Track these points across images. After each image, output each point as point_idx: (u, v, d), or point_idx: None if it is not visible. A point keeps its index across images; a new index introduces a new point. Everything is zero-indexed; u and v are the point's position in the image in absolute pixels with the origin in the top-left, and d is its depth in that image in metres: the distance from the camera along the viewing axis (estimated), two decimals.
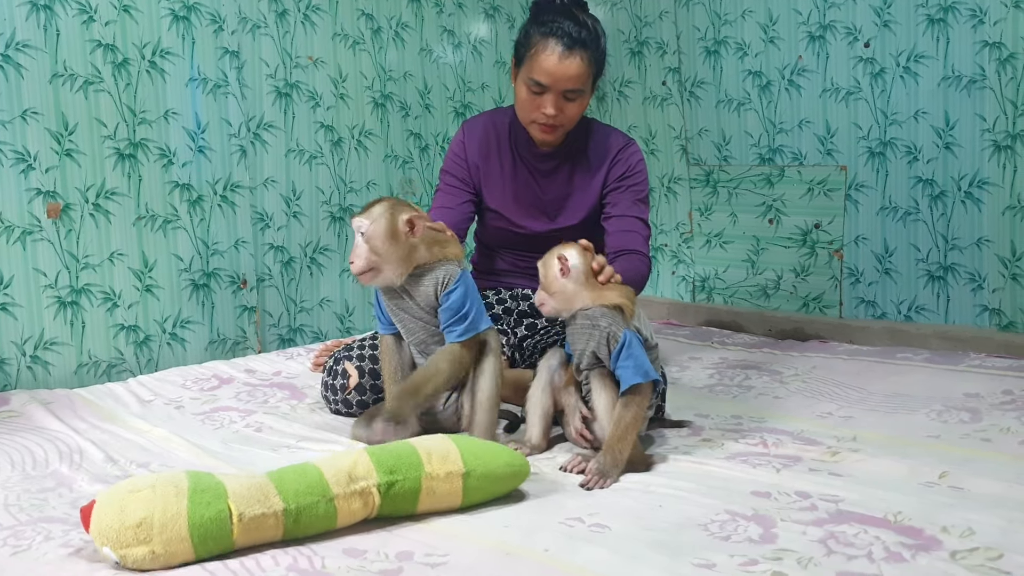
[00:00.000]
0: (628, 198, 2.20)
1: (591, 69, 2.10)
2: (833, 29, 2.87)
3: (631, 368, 1.68)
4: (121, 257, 2.56)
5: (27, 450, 1.89)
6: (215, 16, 2.71)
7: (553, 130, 2.15)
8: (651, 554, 1.34)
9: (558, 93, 2.09)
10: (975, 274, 2.68)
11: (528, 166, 2.27)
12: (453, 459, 1.49)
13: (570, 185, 2.25)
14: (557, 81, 2.07)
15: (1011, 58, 2.53)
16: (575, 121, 2.17)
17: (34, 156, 2.39)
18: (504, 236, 2.32)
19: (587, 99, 2.15)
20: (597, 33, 2.12)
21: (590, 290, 1.73)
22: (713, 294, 3.31)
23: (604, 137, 2.25)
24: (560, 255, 1.74)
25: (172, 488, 1.32)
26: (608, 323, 1.71)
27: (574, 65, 2.06)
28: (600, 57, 2.13)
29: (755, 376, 2.42)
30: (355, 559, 1.35)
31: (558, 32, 2.07)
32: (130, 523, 1.28)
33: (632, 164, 2.22)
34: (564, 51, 2.05)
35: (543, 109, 2.10)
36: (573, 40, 2.06)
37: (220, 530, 1.31)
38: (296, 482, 1.39)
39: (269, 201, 2.87)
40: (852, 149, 2.89)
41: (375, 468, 1.44)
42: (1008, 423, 1.92)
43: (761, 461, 1.72)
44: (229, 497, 1.33)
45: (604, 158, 2.23)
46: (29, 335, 2.41)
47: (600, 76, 2.17)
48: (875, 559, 1.29)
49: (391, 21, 3.15)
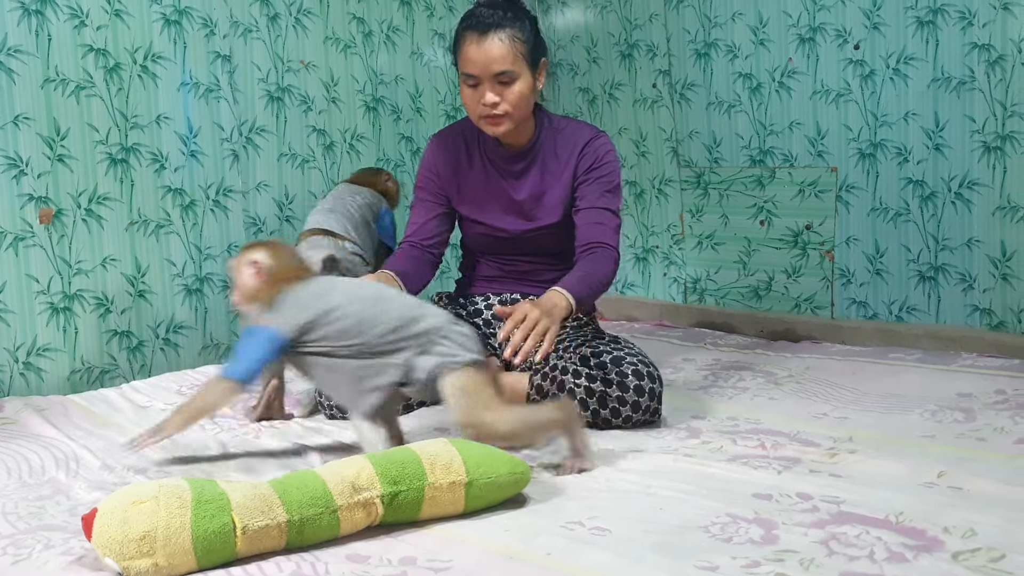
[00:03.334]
0: (596, 189, 2.17)
1: (516, 48, 2.06)
2: (823, 31, 2.89)
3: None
4: (114, 262, 2.55)
5: (23, 457, 1.88)
6: (207, 20, 2.70)
7: (499, 120, 2.10)
8: (653, 556, 1.34)
9: (491, 80, 2.05)
10: (966, 274, 2.69)
11: (498, 169, 2.24)
12: (456, 468, 1.49)
13: (542, 183, 2.23)
14: (483, 67, 2.05)
15: (1000, 60, 2.55)
16: (522, 107, 2.11)
17: (26, 162, 2.38)
18: (486, 242, 2.31)
19: (528, 81, 2.09)
20: (517, 13, 2.10)
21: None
22: (705, 295, 3.32)
23: (572, 132, 2.22)
24: (252, 259, 1.77)
25: (176, 500, 1.32)
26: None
27: (494, 47, 2.04)
28: (528, 34, 2.09)
29: (749, 377, 2.43)
30: (359, 565, 1.35)
31: (472, 22, 2.07)
32: (133, 536, 1.28)
33: (600, 155, 2.18)
34: (479, 36, 2.04)
35: (482, 100, 2.07)
36: (487, 24, 2.05)
37: (223, 542, 1.31)
38: (299, 492, 1.39)
39: (262, 205, 2.87)
40: (842, 150, 2.90)
41: (379, 479, 1.44)
42: (1002, 423, 1.93)
43: (761, 463, 1.73)
44: (233, 509, 1.33)
45: (572, 152, 2.20)
46: (22, 342, 2.40)
47: (539, 54, 2.13)
48: (877, 560, 1.30)
49: (382, 25, 3.15)
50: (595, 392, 2.00)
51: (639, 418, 1.99)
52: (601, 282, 2.06)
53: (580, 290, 1.97)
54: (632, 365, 2.01)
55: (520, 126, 2.16)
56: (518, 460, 1.58)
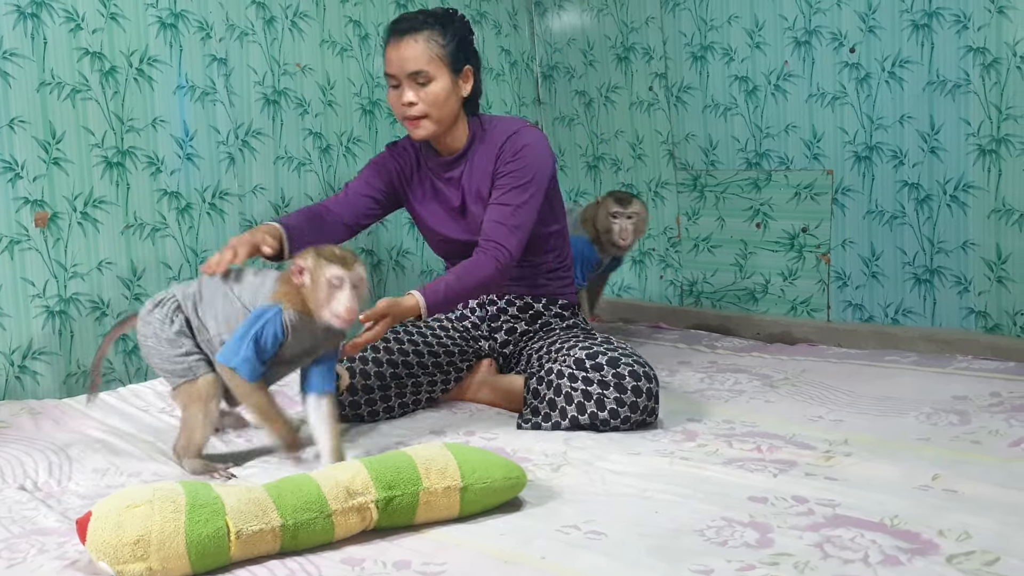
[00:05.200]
0: (507, 184, 2.16)
1: (433, 50, 2.11)
2: (819, 34, 2.89)
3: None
4: (109, 266, 2.54)
5: (17, 461, 1.88)
6: (203, 23, 2.70)
7: (419, 120, 2.15)
8: (649, 560, 1.34)
9: (408, 80, 2.11)
10: (961, 277, 2.70)
11: (437, 176, 2.28)
12: (451, 473, 1.49)
13: (472, 186, 2.23)
14: (399, 68, 2.11)
15: (995, 63, 2.56)
16: (440, 108, 2.14)
17: (21, 165, 2.38)
18: (445, 248, 2.34)
19: (444, 84, 2.13)
20: (440, 16, 2.16)
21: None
22: (701, 298, 3.33)
23: (497, 129, 2.23)
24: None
25: (170, 504, 1.32)
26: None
27: (409, 47, 2.10)
28: (448, 39, 2.13)
29: (745, 380, 2.43)
30: (353, 569, 1.35)
31: (393, 26, 2.16)
32: (127, 540, 1.28)
33: (516, 148, 2.17)
34: (397, 37, 2.12)
35: (401, 100, 2.13)
36: (405, 27, 2.13)
37: (217, 547, 1.32)
38: (294, 497, 1.39)
39: (258, 209, 2.86)
40: (838, 153, 2.91)
41: (373, 484, 1.44)
42: (997, 425, 1.94)
43: (757, 466, 1.73)
44: (227, 513, 1.33)
45: (494, 148, 2.20)
46: (17, 345, 2.39)
47: (463, 60, 2.17)
48: (871, 563, 1.30)
49: (378, 28, 3.15)
50: (592, 395, 2.00)
51: (637, 418, 2.00)
52: (469, 289, 2.07)
53: (437, 299, 1.99)
54: (628, 366, 2.01)
55: (448, 131, 2.20)
56: (513, 465, 1.58)
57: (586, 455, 1.85)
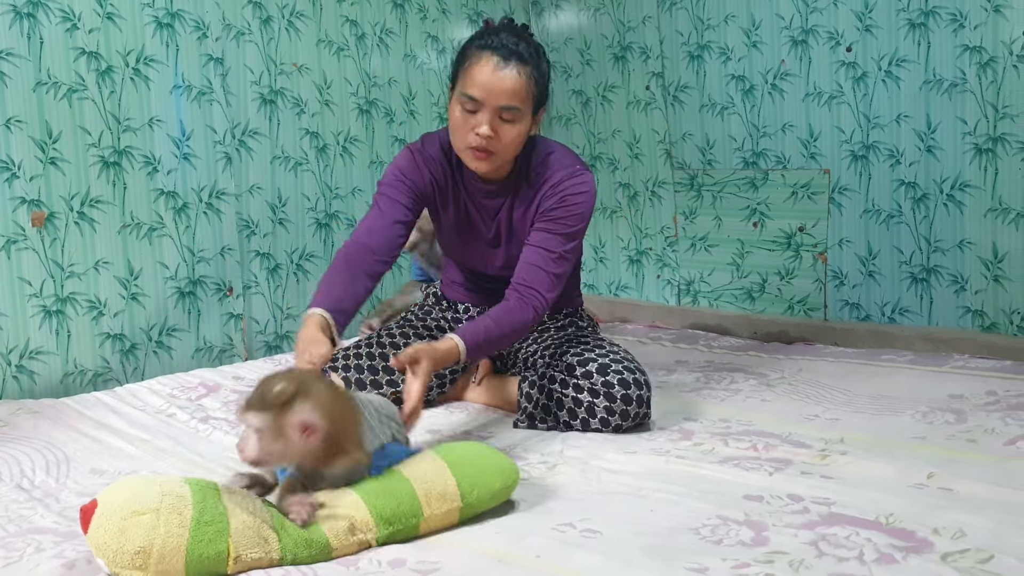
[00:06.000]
0: (552, 228, 2.01)
1: (530, 87, 1.92)
2: (815, 34, 2.89)
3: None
4: (106, 265, 2.55)
5: (14, 460, 1.88)
6: (199, 23, 2.70)
7: (488, 156, 1.95)
8: (644, 558, 1.34)
9: (493, 110, 1.90)
10: (958, 276, 2.70)
11: (471, 199, 2.12)
12: (451, 495, 1.48)
13: (512, 219, 2.10)
14: (491, 94, 1.89)
15: (991, 62, 2.56)
16: (511, 151, 1.98)
17: (18, 165, 2.38)
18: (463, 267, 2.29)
19: (526, 126, 1.96)
20: (538, 53, 1.97)
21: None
22: (698, 297, 3.33)
23: (548, 166, 2.05)
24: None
25: (176, 517, 1.31)
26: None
27: (510, 78, 1.89)
28: (542, 79, 1.96)
29: (741, 379, 2.43)
30: (347, 568, 1.35)
31: (494, 44, 1.91)
32: (129, 548, 1.28)
33: (571, 194, 2.02)
34: (500, 61, 1.89)
35: (477, 129, 1.91)
36: (510, 51, 1.90)
37: (216, 565, 1.32)
38: (296, 532, 1.38)
39: (255, 208, 2.86)
40: (835, 152, 2.91)
41: (373, 521, 1.42)
42: (992, 424, 1.94)
43: (753, 465, 1.73)
44: (230, 535, 1.33)
45: (542, 187, 2.04)
46: (14, 345, 2.39)
47: (543, 104, 2.00)
48: (866, 561, 1.30)
49: (375, 27, 3.15)
50: (583, 403, 2.00)
51: (629, 424, 1.99)
52: (507, 335, 1.95)
53: (478, 341, 1.88)
54: (618, 373, 1.99)
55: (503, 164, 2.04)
56: (509, 469, 1.57)
57: (581, 453, 1.85)
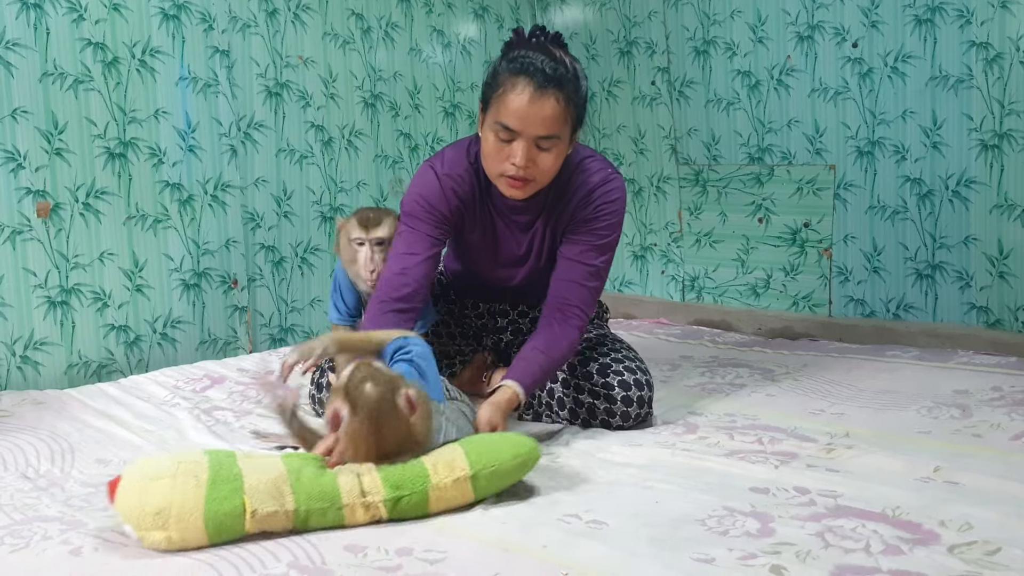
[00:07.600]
0: (588, 241, 1.95)
1: (569, 112, 1.82)
2: (821, 29, 2.89)
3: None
4: (111, 257, 2.54)
5: (19, 450, 1.88)
6: (205, 15, 2.70)
7: (524, 184, 1.84)
8: (649, 549, 1.34)
9: (529, 140, 1.79)
10: (963, 272, 2.70)
11: (499, 215, 2.02)
12: (459, 464, 1.51)
13: (544, 234, 2.02)
14: (528, 125, 1.78)
15: (998, 58, 2.55)
16: (549, 176, 1.87)
17: (24, 155, 2.38)
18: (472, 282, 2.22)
19: (564, 150, 1.86)
20: (576, 73, 1.84)
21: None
22: (703, 293, 3.32)
23: (582, 174, 1.97)
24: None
25: (192, 479, 1.39)
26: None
27: (547, 106, 1.77)
28: (579, 101, 1.85)
29: (746, 374, 2.43)
30: (355, 555, 1.35)
31: (529, 69, 1.78)
32: (149, 510, 1.36)
33: (606, 202, 1.95)
34: (536, 90, 1.77)
35: (512, 159, 1.80)
36: (547, 78, 1.77)
37: (234, 522, 1.39)
38: (311, 485, 1.44)
39: (260, 201, 2.86)
40: (840, 148, 2.90)
41: (381, 483, 1.47)
42: (998, 419, 1.94)
43: (758, 458, 1.73)
44: (245, 492, 1.40)
45: (574, 196, 1.96)
46: (19, 335, 2.39)
47: (580, 125, 1.89)
48: (873, 552, 1.30)
49: (381, 21, 3.15)
50: (583, 403, 2.00)
51: (630, 425, 1.99)
52: (558, 362, 1.92)
53: (535, 381, 1.88)
54: (618, 374, 1.98)
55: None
56: (521, 441, 1.58)
57: (587, 445, 1.85)
